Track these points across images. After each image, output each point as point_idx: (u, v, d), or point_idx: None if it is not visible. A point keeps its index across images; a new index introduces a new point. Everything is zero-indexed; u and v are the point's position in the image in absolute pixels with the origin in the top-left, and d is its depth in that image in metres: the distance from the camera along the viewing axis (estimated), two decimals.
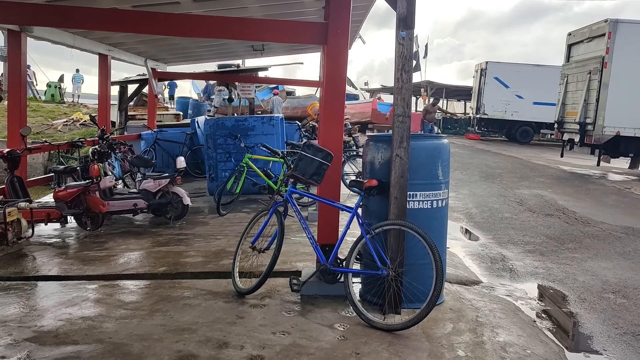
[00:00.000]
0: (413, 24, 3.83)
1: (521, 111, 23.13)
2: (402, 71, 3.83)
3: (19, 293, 4.34)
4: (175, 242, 5.98)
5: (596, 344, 3.78)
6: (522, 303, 4.48)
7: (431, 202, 4.00)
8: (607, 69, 12.92)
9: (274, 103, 16.25)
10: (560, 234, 6.84)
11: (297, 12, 8.44)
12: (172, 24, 4.86)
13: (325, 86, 4.37)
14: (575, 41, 14.76)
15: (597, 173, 13.31)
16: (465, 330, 3.65)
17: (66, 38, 8.13)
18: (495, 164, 14.03)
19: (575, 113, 14.05)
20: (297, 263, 4.95)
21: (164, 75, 13.21)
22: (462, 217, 7.87)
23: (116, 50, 9.99)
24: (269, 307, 3.95)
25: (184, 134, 11.10)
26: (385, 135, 4.15)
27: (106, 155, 7.20)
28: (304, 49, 12.84)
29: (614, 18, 13.02)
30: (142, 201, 6.61)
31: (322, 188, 4.30)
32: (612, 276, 5.22)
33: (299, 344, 3.34)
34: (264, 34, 4.99)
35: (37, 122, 17.70)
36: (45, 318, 3.75)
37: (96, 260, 5.27)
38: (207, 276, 4.74)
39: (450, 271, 4.85)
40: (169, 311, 3.87)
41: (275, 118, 8.76)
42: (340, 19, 4.26)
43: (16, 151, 6.27)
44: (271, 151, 7.00)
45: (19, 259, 5.38)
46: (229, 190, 7.46)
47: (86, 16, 4.80)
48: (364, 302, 4.03)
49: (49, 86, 25.49)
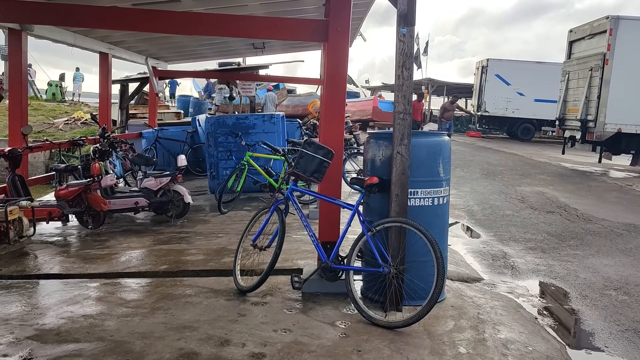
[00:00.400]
0: (414, 21, 3.82)
1: (522, 108, 23.09)
2: (403, 68, 3.83)
3: (20, 291, 4.35)
4: (176, 240, 5.98)
5: (598, 341, 3.78)
6: (524, 300, 4.48)
7: (432, 200, 4.00)
8: (608, 65, 12.88)
9: (267, 99, 16.16)
10: (562, 231, 6.83)
11: (298, 10, 8.43)
12: (172, 22, 4.85)
13: (325, 84, 4.37)
14: (577, 38, 14.72)
15: (598, 170, 13.28)
16: (467, 328, 3.65)
17: (67, 37, 8.13)
18: (497, 162, 14.02)
19: (576, 110, 14.02)
20: (299, 261, 4.95)
21: (164, 73, 13.20)
22: (464, 214, 7.87)
23: (117, 49, 9.99)
24: (271, 305, 3.95)
25: (185, 133, 11.10)
26: (386, 133, 4.14)
27: (107, 153, 7.20)
28: (305, 47, 12.82)
29: (615, 15, 12.98)
30: (143, 199, 6.62)
31: (323, 186, 4.30)
32: (613, 273, 5.21)
33: (301, 342, 3.34)
34: (264, 32, 4.98)
35: (38, 121, 17.73)
36: (47, 316, 3.76)
37: (98, 258, 5.28)
38: (208, 274, 4.74)
39: (451, 268, 4.85)
40: (171, 309, 3.88)
41: (276, 116, 8.76)
42: (340, 16, 4.25)
43: (17, 150, 6.28)
44: (272, 149, 7.00)
45: (20, 257, 5.38)
46: (230, 189, 7.47)
47: (86, 14, 4.81)
48: (366, 299, 4.03)
49: (50, 85, 25.51)
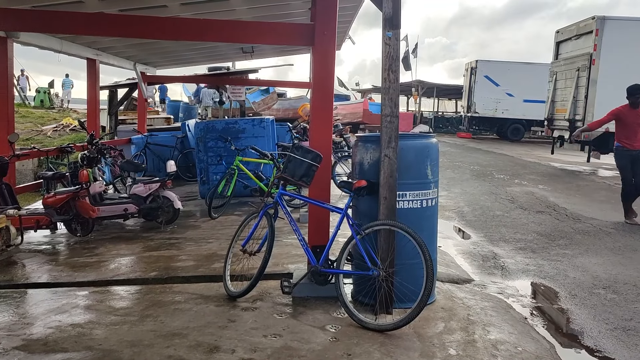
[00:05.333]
0: (399, 24, 3.83)
1: (512, 109, 23.29)
2: (389, 71, 3.83)
3: (7, 301, 4.30)
4: (166, 247, 5.95)
5: (587, 340, 3.80)
6: (514, 300, 4.50)
7: (421, 202, 4.01)
8: (595, 65, 13.04)
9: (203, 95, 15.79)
10: (551, 231, 6.87)
11: (286, 14, 8.44)
12: (158, 28, 4.84)
13: (314, 87, 4.37)
14: (564, 39, 14.88)
15: (587, 169, 13.39)
16: (457, 329, 3.66)
17: (53, 43, 8.07)
18: (487, 162, 14.10)
19: (564, 110, 14.16)
20: (289, 265, 4.94)
21: (153, 78, 13.17)
22: (454, 215, 7.89)
23: (104, 55, 9.93)
24: (261, 310, 3.93)
25: (175, 138, 11.04)
26: (373, 136, 4.15)
27: (95, 160, 7.16)
28: (295, 51, 12.83)
29: (601, 15, 13.14)
30: (132, 206, 6.57)
31: (312, 189, 4.30)
32: (602, 272, 5.25)
33: (291, 347, 3.33)
34: (250, 36, 4.99)
35: (27, 128, 17.60)
36: (34, 326, 3.72)
37: (86, 266, 5.23)
38: (198, 280, 4.71)
39: (441, 270, 4.86)
40: (160, 316, 3.85)
41: (265, 120, 8.74)
42: (326, 20, 4.26)
43: (4, 158, 6.21)
44: (260, 153, 6.99)
45: (8, 266, 5.32)
46: (220, 193, 7.44)
47: (72, 21, 4.78)
48: (356, 302, 4.03)
49: (38, 92, 25.32)
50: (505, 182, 10.73)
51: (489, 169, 12.68)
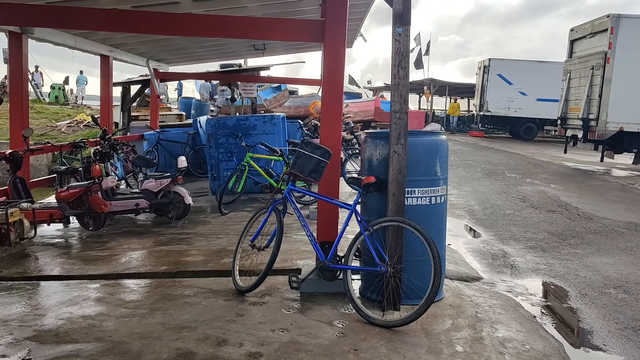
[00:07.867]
0: (409, 21, 3.83)
1: (524, 108, 23.06)
2: (399, 67, 3.83)
3: (20, 293, 4.37)
4: (176, 241, 6.00)
5: (596, 339, 3.77)
6: (523, 299, 4.47)
7: (429, 199, 4.00)
8: (609, 64, 12.87)
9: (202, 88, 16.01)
10: (563, 230, 6.82)
11: (297, 11, 8.44)
12: (171, 24, 4.88)
13: (324, 83, 4.38)
14: (578, 37, 14.70)
15: (600, 169, 13.24)
16: (464, 326, 3.65)
17: (67, 39, 8.16)
18: (499, 161, 14.00)
19: (578, 109, 14.00)
20: (298, 261, 4.96)
21: (166, 75, 13.24)
22: (465, 214, 7.86)
23: (118, 51, 10.02)
24: (269, 305, 3.96)
25: (186, 134, 11.13)
26: (382, 132, 4.14)
27: (108, 155, 7.23)
28: (306, 48, 12.82)
29: (617, 13, 12.96)
30: (144, 201, 6.64)
31: (321, 186, 4.31)
32: (613, 271, 5.20)
33: (298, 341, 3.35)
34: (261, 32, 5.01)
35: (41, 124, 17.83)
36: (46, 317, 3.78)
37: (98, 260, 5.30)
38: (207, 275, 4.75)
39: (450, 267, 4.85)
40: (169, 309, 3.89)
41: (276, 117, 8.77)
42: (337, 16, 4.26)
43: (18, 152, 6.30)
44: (270, 150, 7.00)
45: (21, 259, 5.41)
46: (230, 190, 7.48)
47: (86, 17, 4.84)
48: (364, 298, 4.03)
49: (53, 88, 25.63)
50: (517, 181, 10.65)
51: (500, 168, 12.59)
